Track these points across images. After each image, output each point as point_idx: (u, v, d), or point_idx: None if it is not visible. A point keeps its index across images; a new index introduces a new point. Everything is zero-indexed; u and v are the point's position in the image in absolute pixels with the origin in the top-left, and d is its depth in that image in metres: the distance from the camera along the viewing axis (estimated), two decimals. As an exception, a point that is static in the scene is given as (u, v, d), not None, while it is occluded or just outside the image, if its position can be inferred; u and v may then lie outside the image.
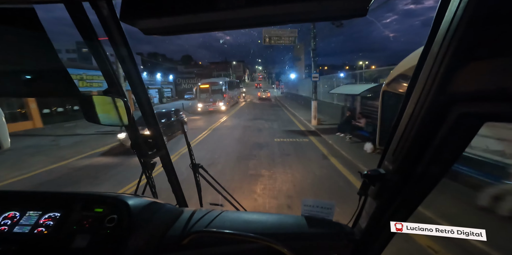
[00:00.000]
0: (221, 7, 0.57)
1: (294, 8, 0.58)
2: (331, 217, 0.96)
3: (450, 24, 0.43)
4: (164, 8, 0.59)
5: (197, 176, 1.24)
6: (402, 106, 0.63)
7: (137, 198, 0.99)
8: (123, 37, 0.85)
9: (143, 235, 0.85)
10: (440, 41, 0.46)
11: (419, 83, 0.54)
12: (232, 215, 1.05)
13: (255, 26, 0.70)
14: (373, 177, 0.71)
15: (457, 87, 0.45)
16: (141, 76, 1.00)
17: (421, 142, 0.56)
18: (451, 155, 0.54)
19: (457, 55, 0.43)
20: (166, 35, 0.72)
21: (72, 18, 0.75)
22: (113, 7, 0.78)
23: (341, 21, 10.41)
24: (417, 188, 0.63)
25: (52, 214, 0.91)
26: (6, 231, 0.86)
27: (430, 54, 0.50)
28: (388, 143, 0.71)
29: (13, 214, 0.92)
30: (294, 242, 0.87)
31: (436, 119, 0.51)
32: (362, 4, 0.55)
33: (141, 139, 1.10)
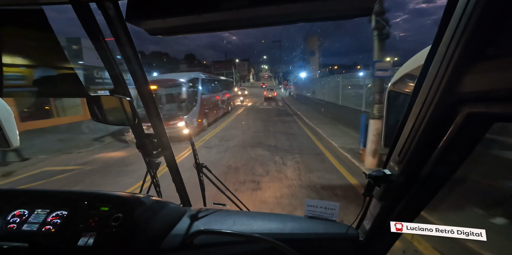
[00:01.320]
0: (225, 8, 0.57)
1: (297, 8, 0.58)
2: (335, 218, 0.95)
3: (459, 23, 0.42)
4: (168, 9, 0.60)
5: (201, 176, 1.25)
6: (408, 106, 0.62)
7: (141, 197, 1.00)
8: (128, 38, 0.86)
9: (147, 234, 0.86)
10: (448, 40, 0.45)
11: (426, 83, 0.53)
12: (235, 215, 1.06)
13: (259, 26, 0.70)
14: (378, 178, 0.70)
15: (465, 87, 0.44)
16: (146, 76, 1.01)
17: (428, 143, 0.55)
18: (458, 156, 0.52)
19: (466, 54, 0.42)
20: (170, 35, 0.72)
21: (80, 18, 0.76)
22: (119, 8, 0.79)
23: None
24: (423, 190, 0.62)
25: (60, 213, 0.92)
26: (15, 229, 0.89)
27: (437, 54, 0.49)
28: (394, 144, 0.70)
29: (22, 212, 0.94)
30: (298, 242, 0.86)
31: (444, 120, 0.50)
32: (366, 3, 0.54)
33: (146, 138, 1.11)
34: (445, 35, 0.47)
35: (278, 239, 0.77)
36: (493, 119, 0.45)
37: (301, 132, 8.50)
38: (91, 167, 5.34)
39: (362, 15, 0.58)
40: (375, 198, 0.77)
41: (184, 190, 1.34)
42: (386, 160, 0.75)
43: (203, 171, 1.25)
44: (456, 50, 0.43)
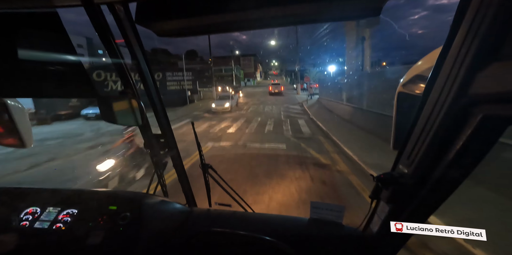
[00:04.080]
0: (232, 9, 0.57)
1: (304, 9, 0.58)
2: (341, 220, 0.94)
3: (472, 23, 0.40)
4: (176, 11, 0.60)
5: (206, 176, 1.26)
6: (419, 108, 0.61)
7: (148, 196, 1.01)
8: (138, 39, 0.88)
9: (153, 233, 0.87)
10: (461, 40, 0.44)
11: (437, 84, 0.52)
12: (240, 215, 1.06)
13: (265, 27, 0.70)
14: (387, 180, 0.69)
15: (479, 89, 0.42)
16: (155, 77, 1.03)
17: (440, 145, 0.53)
18: (471, 159, 0.51)
19: (480, 55, 0.40)
20: (178, 36, 0.73)
21: (92, 21, 0.78)
22: (129, 10, 0.81)
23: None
24: (434, 193, 0.60)
25: (70, 211, 0.95)
26: (27, 226, 0.91)
27: (450, 54, 0.48)
28: (404, 146, 0.68)
29: (34, 210, 0.97)
30: (302, 244, 0.85)
31: (456, 122, 0.48)
32: (376, 4, 0.54)
33: (154, 139, 1.12)
34: (457, 35, 0.46)
35: (282, 240, 0.77)
36: (509, 121, 0.43)
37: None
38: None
39: (370, 16, 0.57)
40: (383, 201, 0.76)
41: (190, 190, 1.35)
42: (395, 163, 0.74)
43: (209, 172, 1.25)
44: (469, 51, 0.41)
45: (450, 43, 0.48)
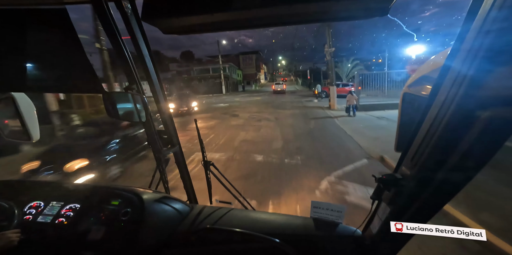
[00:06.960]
0: (238, 7, 0.57)
1: (310, 8, 0.57)
2: (341, 220, 0.94)
3: (482, 25, 0.40)
4: (183, 8, 0.61)
5: (208, 173, 1.26)
6: (424, 109, 0.60)
7: (150, 192, 1.02)
8: (144, 36, 0.88)
9: (153, 229, 0.88)
10: (470, 42, 0.43)
11: (444, 86, 0.51)
12: (240, 213, 1.06)
13: (271, 26, 0.70)
14: (389, 182, 0.68)
15: (487, 91, 0.42)
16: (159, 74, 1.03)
17: (445, 148, 0.53)
18: (477, 163, 0.50)
19: (489, 57, 0.40)
20: (184, 34, 0.73)
21: (99, 17, 0.79)
22: (136, 8, 0.81)
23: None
24: (436, 196, 0.60)
25: (73, 205, 0.96)
26: (31, 220, 0.92)
27: (458, 56, 0.47)
28: (407, 148, 0.67)
29: (38, 203, 0.98)
30: (302, 243, 0.85)
31: (463, 124, 0.48)
32: (383, 4, 0.53)
33: (157, 135, 1.13)
34: (467, 37, 0.45)
35: (282, 239, 0.77)
36: None
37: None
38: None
39: (378, 15, 0.56)
40: (384, 202, 0.75)
41: (192, 187, 1.36)
42: (398, 164, 0.73)
43: (210, 169, 1.26)
44: (478, 53, 0.41)
45: (458, 44, 0.48)
